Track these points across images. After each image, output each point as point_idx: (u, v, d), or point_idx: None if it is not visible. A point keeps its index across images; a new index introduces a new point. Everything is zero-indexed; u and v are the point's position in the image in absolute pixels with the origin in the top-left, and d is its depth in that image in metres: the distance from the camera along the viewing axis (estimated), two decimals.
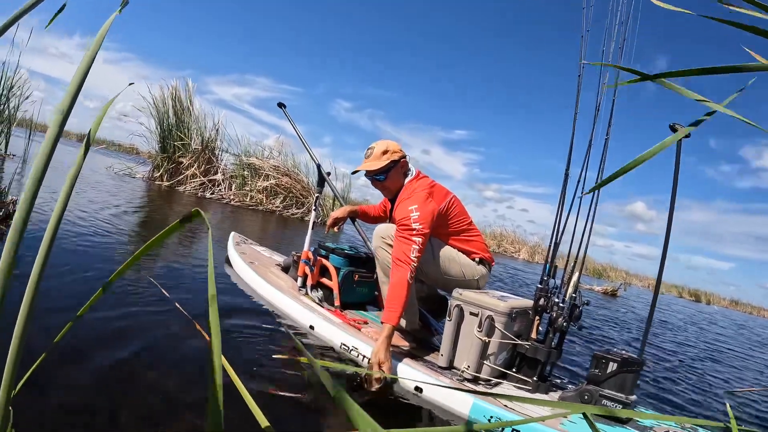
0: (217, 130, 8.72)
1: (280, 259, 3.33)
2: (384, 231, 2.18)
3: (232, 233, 3.71)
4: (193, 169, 8.35)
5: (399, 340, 2.17)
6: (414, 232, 1.98)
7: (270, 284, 2.67)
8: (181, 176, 8.36)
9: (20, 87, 6.89)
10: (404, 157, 2.25)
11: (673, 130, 1.69)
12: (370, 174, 2.26)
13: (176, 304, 1.83)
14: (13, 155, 7.14)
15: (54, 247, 0.54)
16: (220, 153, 8.86)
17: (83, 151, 0.58)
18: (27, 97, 7.10)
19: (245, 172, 8.62)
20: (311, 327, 2.27)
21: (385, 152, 2.21)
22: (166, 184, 8.31)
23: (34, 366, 0.65)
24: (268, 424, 0.55)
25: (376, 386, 1.77)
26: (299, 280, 2.69)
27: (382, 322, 1.91)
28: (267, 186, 8.43)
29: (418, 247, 1.96)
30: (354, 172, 2.41)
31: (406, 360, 1.95)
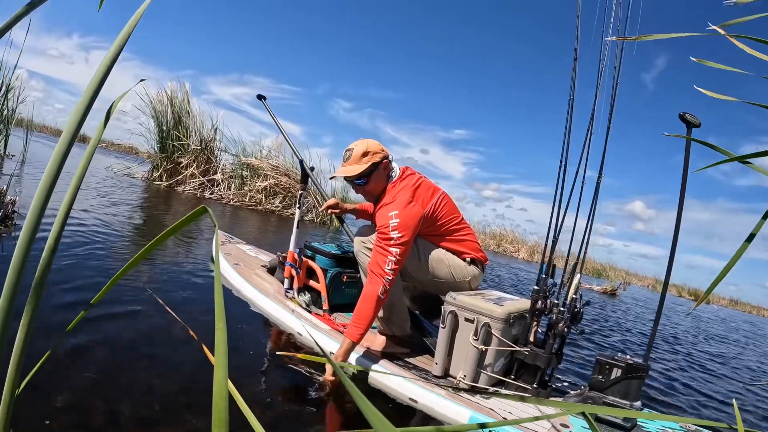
0: (216, 129, 8.69)
1: (266, 258, 3.21)
2: (364, 235, 2.10)
3: (217, 231, 3.62)
4: (192, 169, 8.30)
5: (391, 347, 2.09)
6: (392, 242, 1.86)
7: (255, 288, 2.55)
8: (180, 176, 8.30)
9: (17, 87, 6.89)
10: (387, 157, 2.09)
11: (683, 119, 1.66)
12: (349, 179, 2.09)
13: (176, 317, 1.79)
14: (12, 155, 7.12)
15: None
16: (219, 153, 8.80)
17: (90, 151, 0.56)
18: (22, 101, 7.11)
19: (244, 172, 8.57)
20: (299, 334, 2.18)
21: (365, 154, 2.04)
22: (165, 184, 8.26)
23: (36, 367, 0.64)
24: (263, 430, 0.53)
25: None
26: (286, 282, 2.56)
27: (344, 335, 1.84)
28: (266, 186, 8.38)
29: (395, 259, 1.85)
30: (332, 178, 2.32)
31: (399, 369, 1.87)
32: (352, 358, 1.92)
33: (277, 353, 1.93)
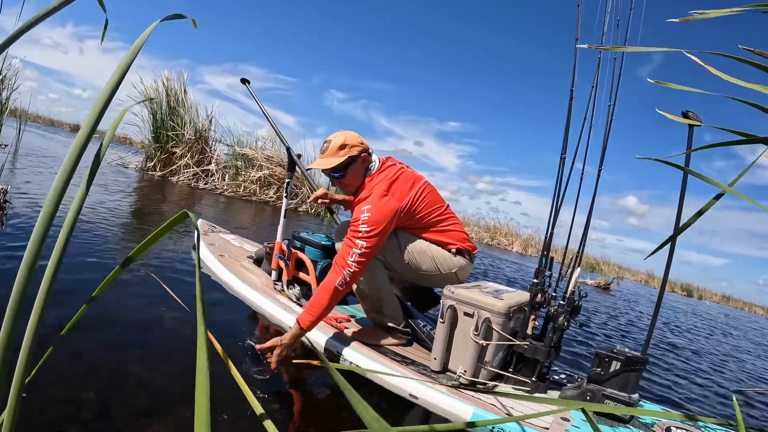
0: (211, 120, 8.62)
1: (251, 249, 3.11)
2: (343, 231, 2.08)
3: (199, 221, 3.44)
4: (186, 159, 8.23)
5: (387, 339, 2.07)
6: (359, 235, 1.84)
7: (242, 281, 2.46)
8: (174, 166, 8.23)
9: (11, 77, 6.78)
10: (365, 150, 2.05)
11: (686, 116, 1.66)
12: (326, 171, 2.05)
13: (163, 286, 1.78)
14: (5, 145, 7.04)
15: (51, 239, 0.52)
16: (214, 143, 8.73)
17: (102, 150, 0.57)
18: (16, 89, 6.99)
19: (238, 163, 8.51)
20: (290, 328, 2.12)
21: (342, 147, 2.00)
22: (159, 174, 8.19)
23: (44, 358, 0.63)
24: (262, 411, 0.53)
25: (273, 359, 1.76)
26: (273, 274, 2.49)
27: (297, 319, 1.83)
28: (260, 176, 8.35)
29: (359, 251, 1.82)
30: (308, 170, 2.27)
31: (396, 364, 1.83)
32: (348, 353, 1.89)
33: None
